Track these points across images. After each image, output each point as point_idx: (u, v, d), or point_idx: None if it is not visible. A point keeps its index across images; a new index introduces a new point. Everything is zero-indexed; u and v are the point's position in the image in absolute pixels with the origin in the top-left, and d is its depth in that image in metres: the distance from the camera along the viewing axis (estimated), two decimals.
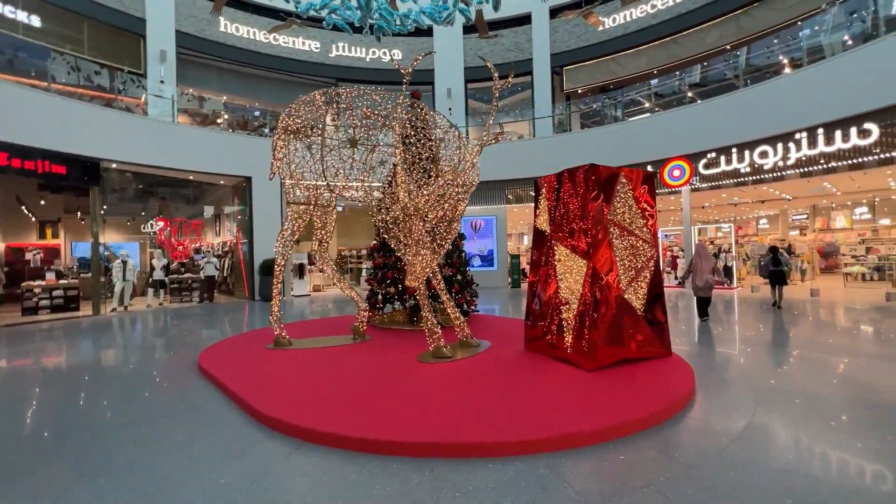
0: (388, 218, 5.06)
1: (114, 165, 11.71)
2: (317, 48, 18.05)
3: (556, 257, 4.98)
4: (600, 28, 16.25)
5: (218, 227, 16.98)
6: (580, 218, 4.71)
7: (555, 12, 17.92)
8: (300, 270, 14.56)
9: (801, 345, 6.02)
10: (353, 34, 18.19)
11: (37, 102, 9.95)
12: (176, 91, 14.30)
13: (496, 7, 7.46)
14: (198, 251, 15.95)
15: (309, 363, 5.13)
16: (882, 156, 9.34)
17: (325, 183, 5.81)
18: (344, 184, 5.85)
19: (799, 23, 13.32)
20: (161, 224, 14.80)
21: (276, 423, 3.31)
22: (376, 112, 5.47)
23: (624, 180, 4.89)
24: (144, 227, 15.98)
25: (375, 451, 2.87)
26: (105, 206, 11.95)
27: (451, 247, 7.05)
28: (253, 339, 6.59)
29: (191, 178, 13.88)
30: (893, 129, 8.98)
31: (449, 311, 5.70)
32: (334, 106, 5.79)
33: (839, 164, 10.12)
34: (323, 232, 6.45)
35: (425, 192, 4.74)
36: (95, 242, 10.98)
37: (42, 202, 13.74)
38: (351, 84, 17.28)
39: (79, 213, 14.40)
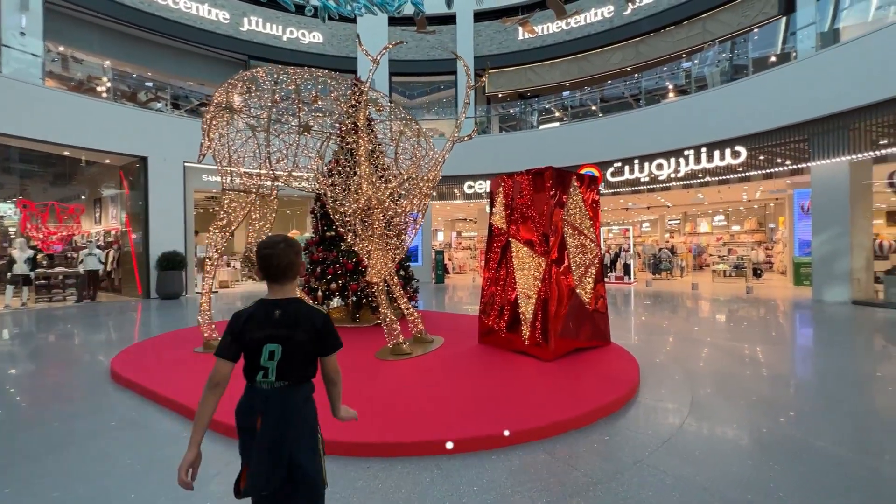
0: (347, 210, 4.81)
1: None
2: (226, 19, 16.30)
3: (514, 254, 5.20)
4: (529, 36, 17.16)
5: (98, 214, 14.49)
6: (539, 217, 4.97)
7: (478, 16, 18.47)
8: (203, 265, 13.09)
9: (704, 331, 7.10)
10: (266, 8, 16.92)
11: None
12: (43, 47, 11.87)
13: (449, 4, 7.51)
14: (69, 241, 13.46)
15: None
16: (744, 174, 11.39)
17: (269, 171, 5.33)
18: (291, 172, 5.42)
19: (683, 55, 15.52)
20: (17, 208, 12.21)
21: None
22: (329, 96, 5.16)
23: (576, 183, 5.27)
24: None
25: (372, 454, 2.74)
26: None
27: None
28: (172, 343, 5.79)
29: (66, 153, 11.64)
30: (756, 152, 10.95)
31: (403, 306, 5.63)
32: (281, 86, 5.32)
33: (711, 178, 12.07)
34: (261, 223, 5.92)
35: (392, 185, 4.61)
36: None
37: None
38: (263, 63, 15.92)
39: None
